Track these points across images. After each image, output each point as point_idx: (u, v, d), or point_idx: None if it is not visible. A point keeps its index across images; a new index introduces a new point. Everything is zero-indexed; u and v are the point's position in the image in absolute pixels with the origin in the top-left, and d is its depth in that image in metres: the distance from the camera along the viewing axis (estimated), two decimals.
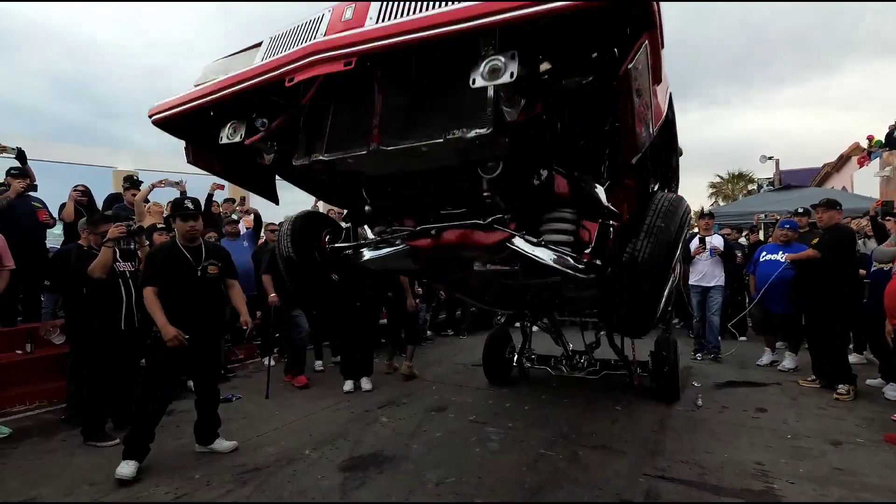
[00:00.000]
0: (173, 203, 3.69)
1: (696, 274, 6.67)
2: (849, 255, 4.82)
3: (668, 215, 2.22)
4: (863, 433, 3.73)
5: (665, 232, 2.17)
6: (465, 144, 1.85)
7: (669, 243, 2.16)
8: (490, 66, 1.63)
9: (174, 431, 3.99)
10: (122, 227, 3.81)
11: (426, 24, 1.64)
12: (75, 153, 19.95)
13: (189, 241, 3.49)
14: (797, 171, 26.04)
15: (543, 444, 3.60)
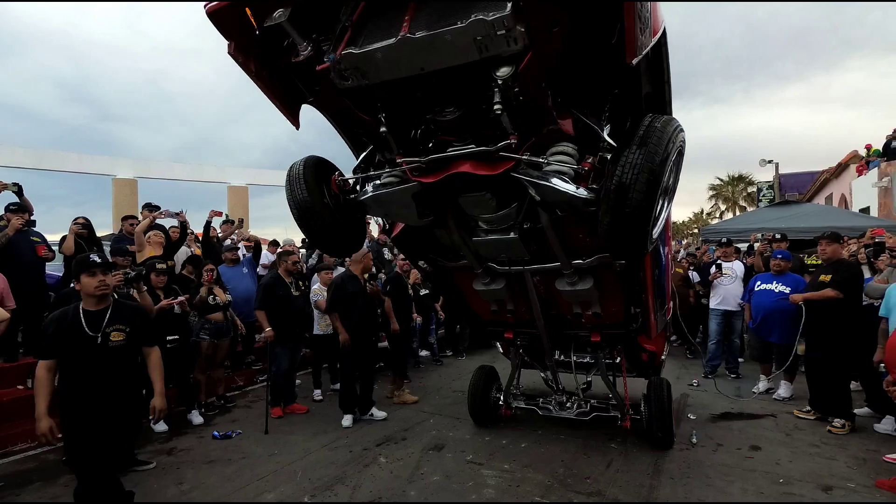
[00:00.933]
0: (77, 260, 3.12)
1: (716, 297, 6.84)
2: (858, 292, 4.86)
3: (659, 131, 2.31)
4: (854, 476, 3.78)
5: (654, 146, 2.26)
6: (485, 30, 2.02)
7: (657, 157, 2.24)
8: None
9: (175, 475, 4.04)
10: (119, 275, 3.86)
11: None
12: (75, 162, 20.09)
13: (96, 302, 2.94)
14: (796, 175, 26.13)
15: (539, 490, 3.65)
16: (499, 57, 2.13)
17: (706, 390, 6.18)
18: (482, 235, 3.24)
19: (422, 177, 2.65)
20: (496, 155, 2.46)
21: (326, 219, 2.96)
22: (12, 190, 5.57)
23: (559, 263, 3.42)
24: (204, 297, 5.31)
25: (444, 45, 2.11)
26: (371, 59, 2.26)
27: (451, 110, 2.48)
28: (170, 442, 4.75)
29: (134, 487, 3.80)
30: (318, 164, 3.04)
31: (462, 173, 2.54)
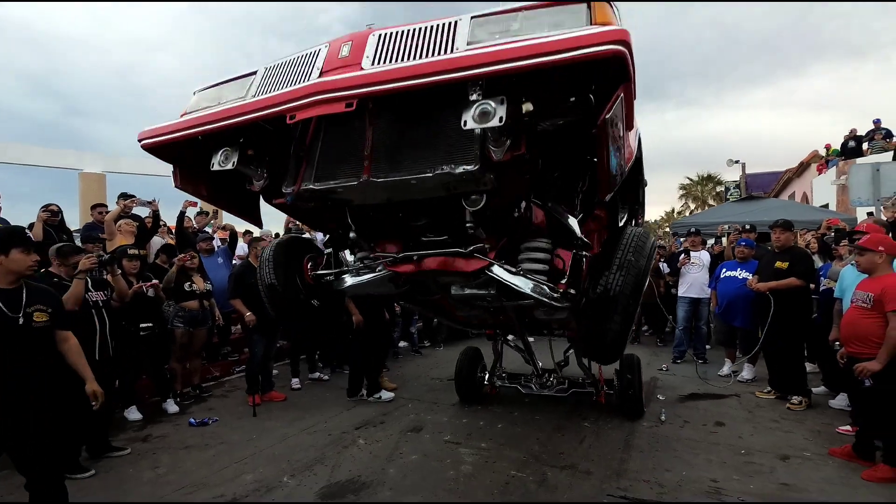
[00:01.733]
0: (8, 230, 2.96)
1: (684, 285, 7.11)
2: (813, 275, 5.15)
3: (638, 250, 2.41)
4: (810, 447, 4.01)
5: (635, 265, 2.35)
6: (452, 179, 1.98)
7: (639, 276, 2.35)
8: (480, 109, 1.78)
9: (151, 459, 4.01)
10: (93, 257, 3.81)
11: (423, 71, 1.77)
12: (41, 155, 19.37)
13: (12, 280, 2.70)
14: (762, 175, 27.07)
15: (515, 466, 3.76)
16: (467, 193, 2.12)
17: (675, 374, 6.41)
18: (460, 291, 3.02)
19: (396, 268, 2.61)
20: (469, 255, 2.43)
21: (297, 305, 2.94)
22: None
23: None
24: (171, 276, 5.23)
25: (410, 186, 2.06)
26: (332, 191, 2.20)
27: (423, 220, 2.46)
28: (144, 430, 4.69)
29: (108, 473, 3.78)
30: (288, 247, 3.01)
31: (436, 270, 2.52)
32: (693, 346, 7.18)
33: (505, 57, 1.64)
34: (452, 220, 2.33)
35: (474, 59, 1.69)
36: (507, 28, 1.86)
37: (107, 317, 3.97)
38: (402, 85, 1.80)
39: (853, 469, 3.55)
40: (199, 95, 2.54)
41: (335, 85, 1.91)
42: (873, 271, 3.57)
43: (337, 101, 1.90)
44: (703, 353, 7.19)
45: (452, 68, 1.72)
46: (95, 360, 3.85)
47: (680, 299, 7.19)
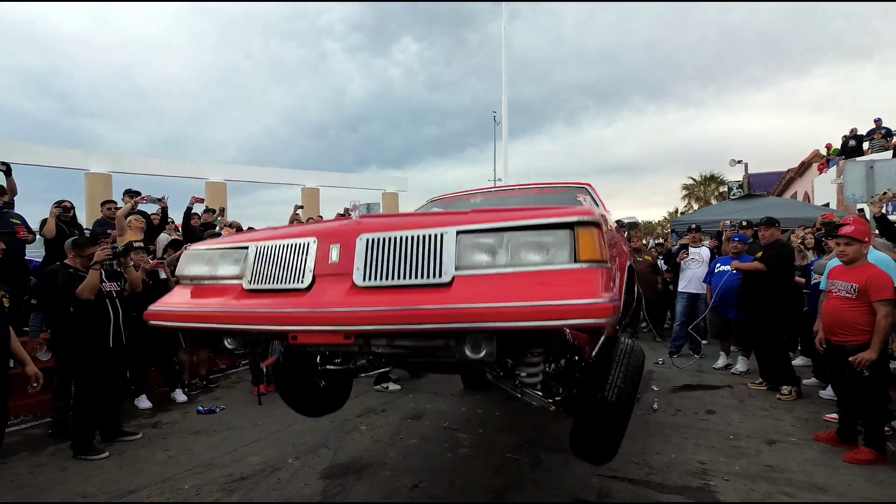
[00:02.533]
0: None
1: (684, 280, 7.23)
2: (788, 268, 5.28)
3: (631, 360, 2.49)
4: (796, 432, 4.14)
5: (629, 373, 2.43)
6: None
7: (633, 383, 2.44)
8: (472, 343, 1.89)
9: (161, 443, 4.18)
10: (108, 249, 3.99)
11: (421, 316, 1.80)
12: (47, 155, 19.65)
13: None
14: (765, 175, 27.14)
15: (510, 449, 3.91)
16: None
17: (670, 367, 6.54)
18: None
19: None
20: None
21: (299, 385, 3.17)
22: (1, 170, 5.61)
23: None
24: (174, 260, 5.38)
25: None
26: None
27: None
28: (154, 417, 4.88)
29: (121, 456, 3.96)
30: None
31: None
32: (689, 341, 7.30)
33: (493, 318, 1.70)
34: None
35: (464, 314, 1.74)
36: (493, 253, 1.91)
37: (120, 307, 4.15)
38: (399, 328, 1.87)
39: (836, 452, 3.69)
40: (192, 254, 2.62)
41: (337, 319, 1.93)
42: (856, 262, 3.71)
43: (338, 334, 1.95)
44: (699, 347, 7.31)
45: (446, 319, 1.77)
46: (109, 349, 4.06)
47: (679, 294, 7.30)
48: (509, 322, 1.69)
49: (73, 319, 3.96)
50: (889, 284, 3.53)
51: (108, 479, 3.52)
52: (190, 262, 2.57)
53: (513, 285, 1.79)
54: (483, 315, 1.72)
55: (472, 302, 1.76)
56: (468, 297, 1.78)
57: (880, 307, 3.48)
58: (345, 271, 2.05)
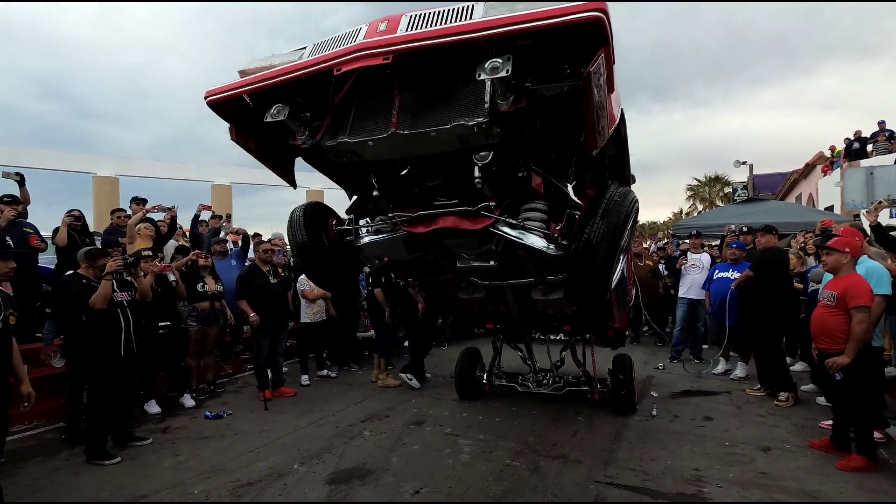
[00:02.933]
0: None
1: (684, 286, 7.34)
2: (780, 275, 5.38)
3: (618, 203, 2.77)
4: (791, 439, 4.22)
5: (615, 216, 2.71)
6: (466, 131, 2.35)
7: (618, 225, 2.70)
8: (491, 65, 2.21)
9: (171, 449, 4.30)
10: (119, 260, 4.11)
11: (447, 32, 2.25)
12: (55, 159, 19.92)
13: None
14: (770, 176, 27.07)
15: (510, 455, 4.01)
16: (478, 146, 2.49)
17: (671, 373, 6.61)
18: (465, 263, 3.55)
19: (411, 227, 2.99)
20: (477, 213, 2.81)
21: (323, 260, 3.32)
22: (15, 180, 5.76)
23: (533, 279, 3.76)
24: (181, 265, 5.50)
25: (430, 139, 2.45)
26: (363, 145, 2.58)
27: (438, 179, 2.83)
28: (163, 422, 5.00)
29: (133, 461, 4.08)
30: (315, 209, 3.40)
31: (447, 228, 2.89)
32: (690, 346, 7.39)
33: (509, 21, 2.12)
34: (462, 183, 2.71)
35: (485, 23, 2.16)
36: (513, 8, 2.24)
37: (131, 316, 4.27)
38: (430, 43, 2.27)
39: (829, 459, 3.76)
40: (253, 61, 2.89)
41: (375, 44, 2.35)
42: (838, 271, 3.79)
43: (376, 56, 2.34)
44: (700, 352, 7.40)
45: (469, 30, 2.18)
46: (121, 356, 4.19)
47: (679, 300, 7.41)
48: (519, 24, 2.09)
49: (85, 328, 4.09)
50: (866, 291, 3.60)
51: (120, 484, 3.64)
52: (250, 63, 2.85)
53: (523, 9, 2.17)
54: (494, 24, 2.13)
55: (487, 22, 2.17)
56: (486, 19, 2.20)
57: (855, 314, 3.57)
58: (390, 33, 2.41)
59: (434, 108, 2.47)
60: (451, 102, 2.44)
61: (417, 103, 2.52)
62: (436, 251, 3.52)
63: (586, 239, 2.70)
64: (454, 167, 2.69)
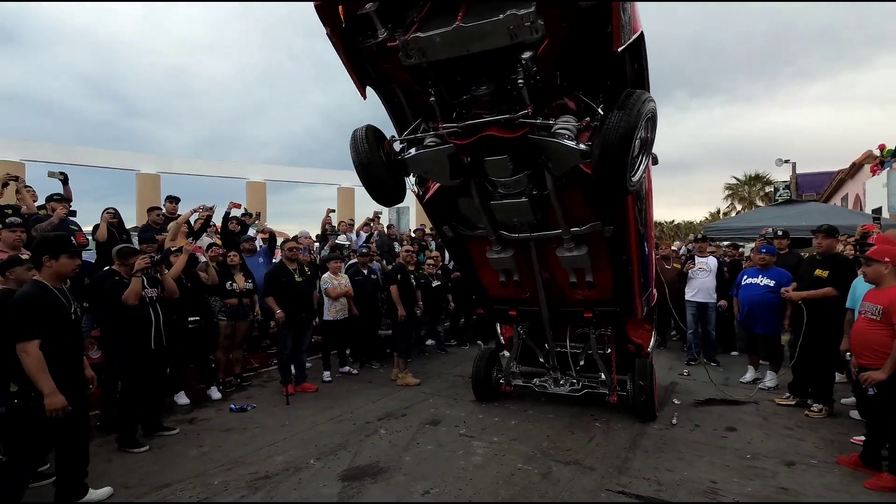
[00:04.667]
0: (58, 238, 3.38)
1: (691, 290, 7.22)
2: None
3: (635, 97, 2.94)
4: (819, 454, 4.06)
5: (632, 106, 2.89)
6: (516, 21, 2.70)
7: (634, 114, 2.89)
8: None
9: (196, 440, 4.49)
10: (147, 258, 4.30)
11: None
12: (100, 157, 20.89)
13: (61, 281, 3.26)
14: (814, 175, 25.90)
15: (522, 459, 4.00)
16: (523, 43, 2.79)
17: (695, 379, 6.44)
18: (498, 199, 3.89)
19: (457, 139, 3.29)
20: (516, 122, 3.11)
21: (381, 172, 3.61)
22: (59, 179, 6.11)
23: (560, 231, 4.04)
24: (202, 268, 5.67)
25: (486, 32, 2.79)
26: (431, 41, 2.90)
27: (485, 87, 3.13)
28: (191, 413, 5.22)
29: (160, 450, 4.28)
30: (375, 131, 3.70)
31: (489, 136, 3.18)
32: (703, 351, 7.22)
33: None
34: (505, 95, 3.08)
35: None
36: None
37: (160, 311, 4.47)
38: None
39: (857, 477, 3.61)
40: None
41: None
42: (880, 283, 3.61)
43: None
44: (714, 356, 7.21)
45: None
46: (151, 350, 4.39)
47: (687, 303, 7.29)
48: None
49: (119, 322, 4.30)
50: None
51: (147, 472, 3.83)
52: None
53: None
54: None
55: None
56: None
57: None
58: None
59: (493, 6, 2.79)
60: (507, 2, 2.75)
61: (482, 6, 2.85)
62: (472, 185, 3.86)
63: (606, 124, 2.90)
64: (500, 73, 3.02)
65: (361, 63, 3.40)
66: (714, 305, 7.21)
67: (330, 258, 6.86)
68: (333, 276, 6.52)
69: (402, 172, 3.81)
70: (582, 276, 4.42)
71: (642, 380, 4.80)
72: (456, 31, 2.82)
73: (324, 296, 6.57)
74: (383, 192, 3.78)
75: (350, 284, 6.66)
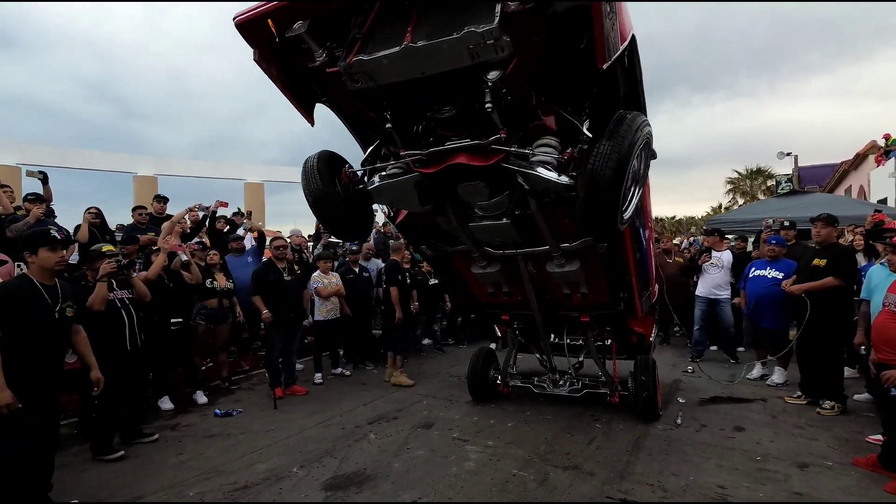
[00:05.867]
0: (35, 232, 3.36)
1: (702, 285, 6.97)
2: (855, 276, 4.82)
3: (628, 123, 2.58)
4: (833, 455, 3.82)
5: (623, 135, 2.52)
6: (476, 41, 2.26)
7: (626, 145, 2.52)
8: None
9: (176, 447, 4.27)
10: (113, 262, 4.07)
11: None
12: (98, 159, 20.73)
13: (49, 277, 3.19)
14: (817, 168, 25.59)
15: (518, 464, 3.77)
16: (488, 62, 2.36)
17: (700, 377, 6.19)
18: (478, 221, 3.48)
19: (423, 168, 2.89)
20: (488, 148, 2.72)
21: (338, 207, 3.24)
22: (38, 178, 5.90)
23: (548, 247, 3.66)
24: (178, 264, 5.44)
25: (441, 52, 2.35)
26: (378, 64, 2.49)
27: (449, 109, 2.71)
28: (174, 419, 5.01)
29: (138, 458, 4.07)
30: (329, 158, 3.31)
31: (458, 164, 2.78)
32: (724, 347, 6.99)
33: None
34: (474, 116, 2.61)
35: None
36: None
37: (133, 312, 4.25)
38: None
39: (876, 480, 3.37)
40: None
41: None
42: None
43: None
44: (734, 353, 6.97)
45: None
46: (126, 351, 4.17)
47: (697, 298, 7.06)
48: None
49: (90, 325, 4.08)
50: None
51: (121, 483, 3.62)
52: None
53: None
54: None
55: None
56: None
57: None
58: None
59: (448, 21, 2.39)
60: (464, 14, 2.34)
61: (434, 19, 2.45)
62: (448, 207, 3.44)
63: (592, 159, 2.54)
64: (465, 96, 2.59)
65: (305, 82, 2.98)
66: (728, 301, 6.88)
67: (321, 257, 6.64)
68: (323, 275, 6.31)
69: (367, 203, 3.43)
70: (576, 287, 4.13)
71: (644, 374, 4.58)
72: (405, 52, 2.39)
73: (314, 295, 6.35)
74: (344, 229, 3.45)
75: (341, 283, 6.45)
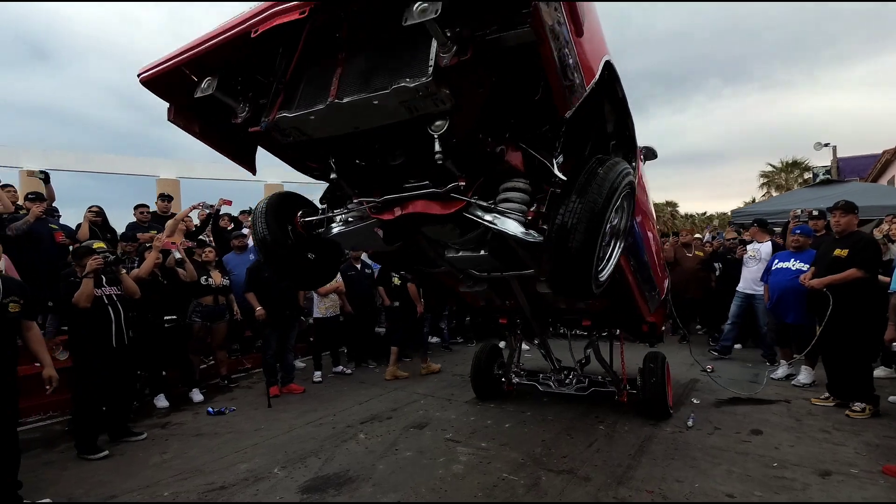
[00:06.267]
0: None
1: (743, 280, 6.67)
2: (879, 266, 4.43)
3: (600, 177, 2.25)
4: (860, 462, 3.44)
5: (595, 192, 2.21)
6: (410, 95, 1.98)
7: (599, 203, 2.20)
8: (419, 7, 1.81)
9: (161, 446, 4.18)
10: (100, 259, 4.01)
11: None
12: (122, 164, 21.32)
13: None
14: (857, 158, 24.35)
15: (509, 468, 3.53)
16: (431, 114, 2.08)
17: (720, 376, 5.79)
18: (454, 253, 3.16)
19: (379, 215, 2.61)
20: (448, 196, 2.41)
21: (288, 258, 2.99)
22: (40, 178, 5.95)
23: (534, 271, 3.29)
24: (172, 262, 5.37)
25: (373, 107, 2.09)
26: (305, 121, 2.25)
27: (399, 154, 2.43)
28: (167, 417, 4.94)
29: (121, 457, 3.99)
30: (281, 204, 3.04)
31: (416, 213, 2.49)
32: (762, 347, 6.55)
33: None
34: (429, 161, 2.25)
35: None
36: None
37: (121, 309, 4.19)
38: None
39: None
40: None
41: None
42: None
43: (291, 10, 2.05)
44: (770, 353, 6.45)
45: None
46: (112, 348, 4.11)
47: (736, 293, 6.66)
48: None
49: (76, 322, 4.04)
50: None
51: (98, 482, 3.53)
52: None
53: None
54: None
55: None
56: None
57: None
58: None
59: (378, 72, 2.10)
60: (395, 64, 2.06)
61: (362, 69, 2.16)
62: (420, 240, 3.11)
63: (559, 220, 2.21)
64: (413, 143, 2.27)
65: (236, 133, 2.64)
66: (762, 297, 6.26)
67: None
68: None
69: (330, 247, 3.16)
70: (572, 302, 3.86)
71: (651, 362, 4.30)
72: (331, 108, 2.13)
73: (313, 292, 6.23)
74: (300, 279, 3.21)
75: (341, 280, 6.31)
